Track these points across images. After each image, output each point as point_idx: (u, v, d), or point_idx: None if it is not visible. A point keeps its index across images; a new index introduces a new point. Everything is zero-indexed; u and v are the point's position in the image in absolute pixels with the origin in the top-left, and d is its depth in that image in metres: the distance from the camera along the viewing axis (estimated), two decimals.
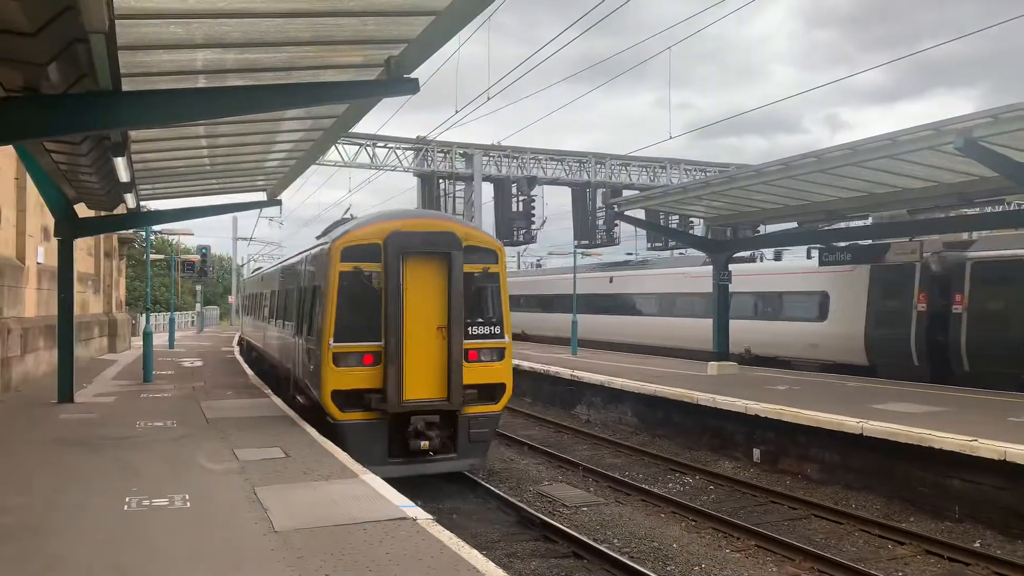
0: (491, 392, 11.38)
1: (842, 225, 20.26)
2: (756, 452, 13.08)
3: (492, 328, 11.44)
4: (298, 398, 13.32)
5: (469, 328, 11.16)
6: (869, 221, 18.51)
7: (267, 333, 18.98)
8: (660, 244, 37.41)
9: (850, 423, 11.28)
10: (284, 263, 17.76)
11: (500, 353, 11.49)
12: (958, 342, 16.78)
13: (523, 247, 47.14)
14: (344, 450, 9.71)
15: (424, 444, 10.63)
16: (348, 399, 10.78)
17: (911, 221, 16.62)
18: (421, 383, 10.83)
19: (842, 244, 18.44)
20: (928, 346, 17.52)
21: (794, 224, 19.23)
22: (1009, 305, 16.08)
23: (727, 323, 19.06)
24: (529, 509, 10.00)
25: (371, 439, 10.64)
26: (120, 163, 9.95)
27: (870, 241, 17.93)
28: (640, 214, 26.71)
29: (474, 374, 11.14)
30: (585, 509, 10.59)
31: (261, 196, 17.36)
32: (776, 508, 10.75)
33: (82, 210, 14.59)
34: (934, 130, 10.67)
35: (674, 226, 32.74)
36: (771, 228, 22.34)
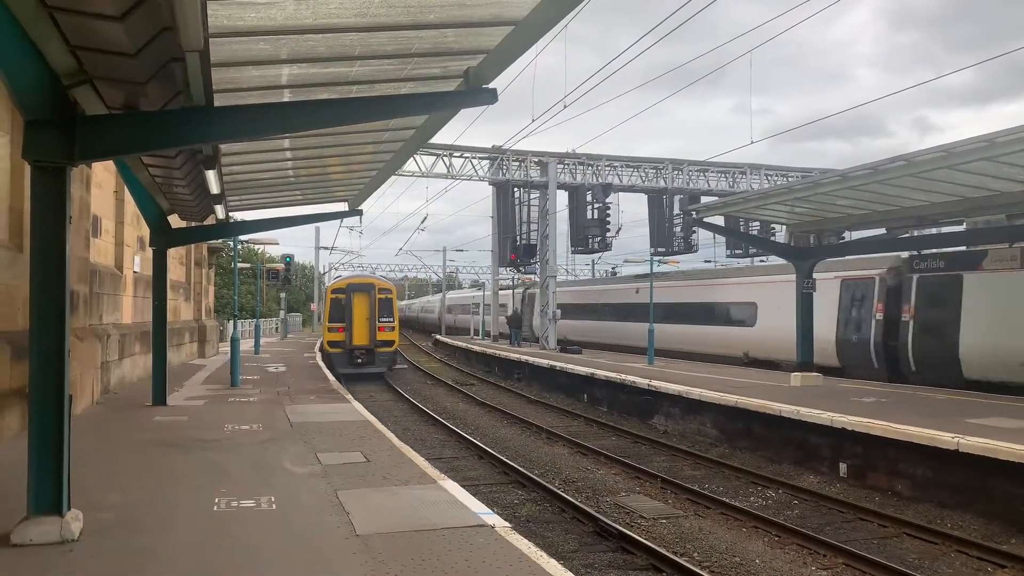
0: (388, 343, 27.59)
1: (934, 231, 19.49)
2: (842, 466, 12.62)
3: (389, 319, 27.56)
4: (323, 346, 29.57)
5: (379, 319, 27.17)
6: (964, 227, 17.71)
7: None
8: (740, 251, 36.55)
9: (944, 438, 10.77)
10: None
11: (392, 328, 27.63)
12: (531, 324, 38.83)
13: (598, 255, 46.87)
14: (329, 365, 24.90)
15: (359, 360, 26.97)
16: (333, 343, 27.18)
17: (1009, 226, 15.82)
18: (359, 337, 27.03)
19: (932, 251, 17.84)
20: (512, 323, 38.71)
21: (882, 230, 18.54)
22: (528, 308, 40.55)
23: (811, 331, 18.51)
24: (606, 520, 9.90)
25: (341, 358, 26.77)
26: (211, 176, 10.38)
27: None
28: (719, 220, 26.23)
29: (381, 335, 27.28)
30: (664, 521, 10.41)
31: (343, 206, 17.80)
32: (864, 525, 10.33)
33: (175, 221, 15.26)
34: None
35: (754, 232, 31.98)
36: (857, 234, 21.54)
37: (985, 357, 17.15)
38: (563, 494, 11.30)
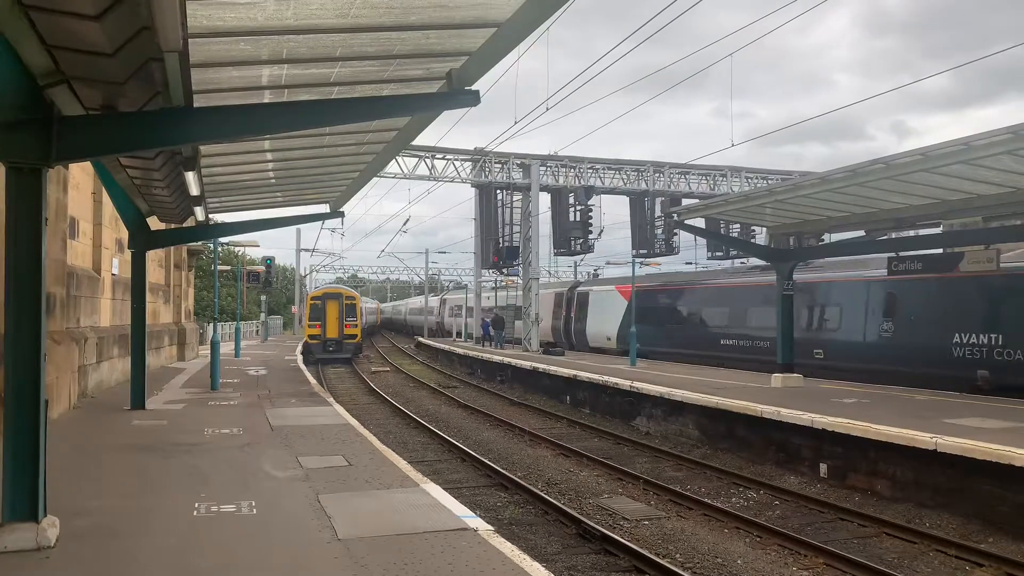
0: (353, 336, 38.95)
1: (911, 233, 19.68)
2: (823, 467, 12.72)
3: (353, 319, 38.85)
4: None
5: (346, 318, 38.39)
6: (940, 229, 17.91)
7: None
8: (721, 253, 36.78)
9: (923, 438, 10.88)
10: None
11: (355, 325, 39.02)
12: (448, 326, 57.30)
13: (580, 257, 47.02)
14: (307, 353, 35.79)
15: (331, 349, 38.05)
16: (312, 336, 38.49)
17: (985, 229, 16.01)
18: (331, 332, 38.24)
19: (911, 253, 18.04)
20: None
21: (861, 232, 18.69)
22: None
23: (791, 333, 18.63)
24: (589, 522, 9.90)
25: (318, 347, 37.71)
26: (191, 177, 10.28)
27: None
28: (700, 223, 26.37)
29: (347, 330, 38.53)
30: (646, 523, 10.44)
31: (324, 208, 17.71)
32: (845, 525, 10.41)
33: (154, 223, 15.11)
34: (1012, 134, 10.26)
35: (735, 235, 32.19)
36: (836, 236, 21.74)
37: (593, 335, 34.24)
38: (546, 496, 11.29)
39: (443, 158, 32.29)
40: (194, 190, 11.19)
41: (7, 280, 5.94)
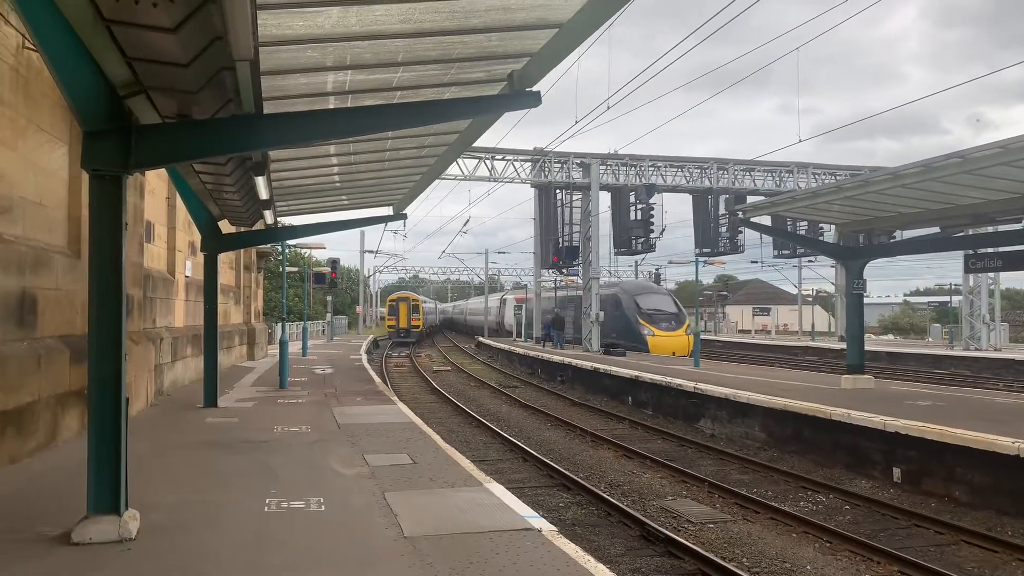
0: (417, 327, 60.25)
1: (990, 230, 18.92)
2: (896, 471, 12.32)
3: (416, 315, 60.10)
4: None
5: (412, 314, 59.61)
6: (1022, 225, 17.13)
7: None
8: (787, 251, 35.98)
9: (1004, 443, 10.44)
10: None
11: (418, 319, 60.51)
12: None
13: (641, 256, 46.62)
14: (378, 341, 53.88)
15: (402, 335, 58.35)
16: (390, 327, 60.01)
17: None
18: (402, 323, 59.33)
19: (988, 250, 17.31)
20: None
21: (936, 229, 18.03)
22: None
23: (862, 333, 18.12)
24: (653, 524, 9.81)
25: (393, 334, 59.08)
26: (260, 182, 10.57)
27: None
28: (766, 220, 25.86)
29: (413, 323, 59.75)
30: (711, 526, 10.28)
31: (388, 210, 17.98)
32: (920, 532, 10.07)
33: (225, 226, 15.57)
34: None
35: (802, 232, 31.46)
36: (909, 233, 21.03)
37: (508, 327, 56.46)
38: (609, 498, 11.24)
39: (503, 159, 32.42)
40: (263, 194, 11.50)
41: (91, 283, 6.21)
